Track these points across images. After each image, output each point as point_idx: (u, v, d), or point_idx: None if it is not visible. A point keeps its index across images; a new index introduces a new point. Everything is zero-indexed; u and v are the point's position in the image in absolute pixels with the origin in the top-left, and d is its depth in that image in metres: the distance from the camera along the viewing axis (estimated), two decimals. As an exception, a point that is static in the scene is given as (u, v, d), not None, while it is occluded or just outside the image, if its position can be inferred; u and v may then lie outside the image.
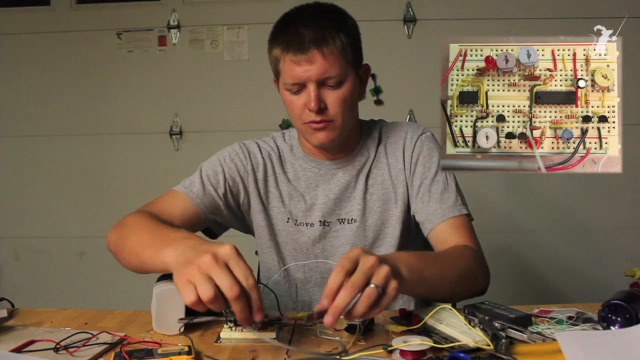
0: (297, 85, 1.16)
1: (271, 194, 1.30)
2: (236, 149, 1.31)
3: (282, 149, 1.33)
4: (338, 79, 1.15)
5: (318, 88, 1.15)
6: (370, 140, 1.32)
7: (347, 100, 1.18)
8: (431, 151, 1.29)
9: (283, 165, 1.31)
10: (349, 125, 1.22)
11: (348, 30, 1.18)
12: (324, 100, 1.16)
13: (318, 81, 1.14)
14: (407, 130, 1.31)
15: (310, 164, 1.30)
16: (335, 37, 1.14)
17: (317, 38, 1.13)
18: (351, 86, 1.18)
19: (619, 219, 2.49)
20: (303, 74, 1.14)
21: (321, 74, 1.14)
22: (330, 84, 1.15)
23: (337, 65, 1.14)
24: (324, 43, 1.13)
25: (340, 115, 1.18)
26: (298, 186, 1.30)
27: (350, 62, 1.18)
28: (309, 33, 1.13)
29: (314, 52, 1.12)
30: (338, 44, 1.14)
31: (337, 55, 1.14)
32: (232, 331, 0.92)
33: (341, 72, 1.15)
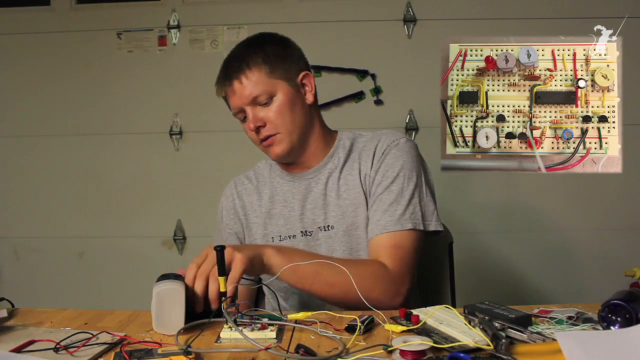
0: (239, 113, 1.28)
1: (253, 224, 1.38)
2: (224, 203, 1.42)
3: (260, 174, 1.42)
4: (267, 95, 1.25)
5: (253, 109, 1.26)
6: (341, 148, 1.35)
7: (284, 110, 1.26)
8: (396, 159, 1.28)
9: (260, 192, 1.39)
10: (298, 132, 1.29)
11: (267, 51, 1.27)
12: (262, 118, 1.26)
13: (249, 104, 1.26)
14: (381, 138, 1.32)
15: (285, 178, 1.37)
16: (250, 63, 1.25)
17: (235, 69, 1.26)
18: (285, 97, 1.26)
19: (618, 218, 2.48)
20: (235, 102, 1.27)
21: (246, 96, 1.25)
22: (260, 102, 1.25)
23: (260, 84, 1.24)
24: (240, 71, 1.25)
25: (282, 126, 1.26)
26: (275, 204, 1.36)
27: (278, 75, 1.26)
28: (229, 64, 1.27)
29: (234, 82, 1.25)
30: (254, 68, 1.25)
31: (258, 75, 1.24)
32: (232, 331, 0.92)
33: (266, 89, 1.25)
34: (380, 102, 2.49)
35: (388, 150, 1.29)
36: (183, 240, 2.58)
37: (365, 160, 1.31)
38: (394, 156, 1.28)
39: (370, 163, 1.30)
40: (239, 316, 0.95)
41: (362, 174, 1.30)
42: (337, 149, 1.35)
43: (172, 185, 2.58)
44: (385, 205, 1.24)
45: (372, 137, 1.34)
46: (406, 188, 1.25)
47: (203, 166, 2.56)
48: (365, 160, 1.31)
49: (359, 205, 1.28)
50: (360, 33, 2.46)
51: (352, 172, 1.31)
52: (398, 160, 1.27)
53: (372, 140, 1.33)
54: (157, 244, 2.59)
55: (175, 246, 2.59)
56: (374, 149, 1.31)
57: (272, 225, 1.34)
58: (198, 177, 2.56)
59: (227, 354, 0.86)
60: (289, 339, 0.92)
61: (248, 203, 1.39)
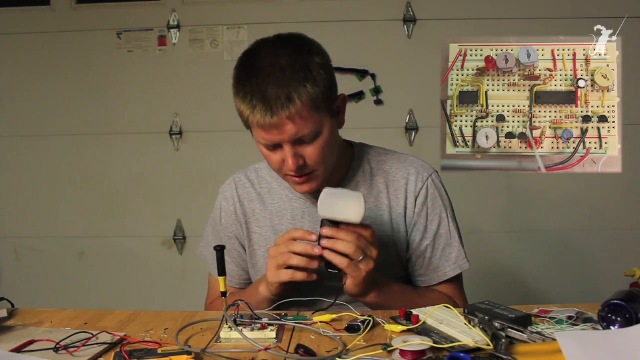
0: (272, 145, 1.09)
1: (254, 234, 1.27)
2: (223, 204, 1.30)
3: (263, 180, 1.28)
4: (313, 135, 1.07)
5: (294, 147, 1.08)
6: (360, 172, 1.24)
7: (327, 148, 1.10)
8: (435, 200, 1.23)
9: (263, 201, 1.26)
10: (331, 166, 1.15)
11: (315, 74, 1.06)
12: (303, 156, 1.09)
13: (291, 142, 1.07)
14: (411, 171, 1.23)
15: (296, 194, 1.23)
16: (301, 92, 1.03)
17: (281, 98, 1.02)
18: (329, 132, 1.10)
19: (619, 218, 2.48)
20: (275, 137, 1.06)
21: (293, 136, 1.05)
22: (305, 140, 1.08)
23: (310, 122, 1.05)
24: (291, 104, 1.02)
25: (322, 165, 1.11)
26: (283, 220, 1.24)
27: (325, 109, 1.08)
28: (272, 92, 1.03)
29: (282, 117, 1.03)
30: (306, 99, 1.04)
31: (308, 111, 1.04)
32: (232, 331, 0.92)
33: (315, 127, 1.07)
34: (380, 102, 2.49)
35: (425, 191, 1.22)
36: (183, 240, 2.58)
37: (396, 197, 1.22)
38: (433, 197, 1.23)
39: (403, 202, 1.22)
40: (239, 316, 0.96)
41: (393, 212, 1.22)
42: (355, 171, 1.24)
43: (172, 185, 2.58)
44: (439, 252, 1.23)
45: (398, 165, 1.24)
46: (452, 226, 1.24)
47: (203, 166, 2.55)
48: (396, 197, 1.22)
49: (384, 246, 1.18)
50: (360, 33, 2.46)
51: (380, 205, 1.22)
52: (437, 201, 1.23)
53: (400, 171, 1.23)
54: (157, 244, 2.59)
55: (175, 246, 2.58)
56: (405, 185, 1.22)
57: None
58: (198, 177, 2.56)
59: (228, 354, 0.86)
60: (289, 339, 0.92)
61: (250, 210, 1.27)
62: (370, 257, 1.03)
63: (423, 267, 1.24)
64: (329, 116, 1.10)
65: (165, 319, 1.05)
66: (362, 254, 1.02)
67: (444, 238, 1.23)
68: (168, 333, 0.98)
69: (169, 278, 2.56)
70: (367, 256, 1.03)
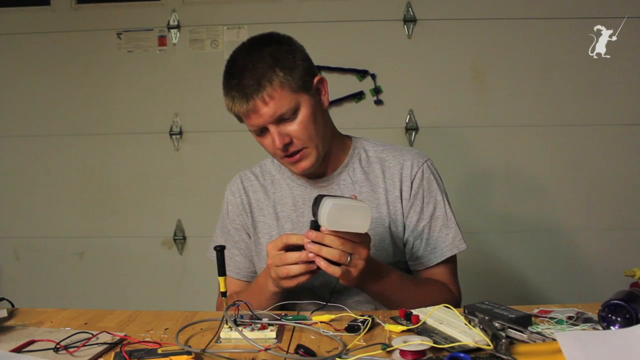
0: (259, 129, 1.20)
1: (259, 223, 1.34)
2: (229, 198, 1.38)
3: (267, 172, 1.37)
4: (291, 111, 1.17)
5: (277, 126, 1.18)
6: (356, 158, 1.32)
7: (309, 123, 1.19)
8: (431, 184, 1.29)
9: (266, 190, 1.35)
10: (322, 142, 1.23)
11: (282, 60, 1.17)
12: (288, 134, 1.18)
13: (273, 122, 1.17)
14: (406, 157, 1.30)
15: (296, 182, 1.33)
16: (271, 77, 1.15)
17: (252, 85, 1.15)
18: (309, 108, 1.19)
19: (618, 218, 2.48)
20: (255, 121, 1.18)
21: (271, 116, 1.16)
22: (285, 117, 1.17)
23: (284, 100, 1.16)
24: (261, 87, 1.14)
25: (310, 139, 1.20)
26: (284, 207, 1.32)
27: (299, 88, 1.18)
28: (246, 82, 1.15)
29: (256, 101, 1.15)
30: (276, 82, 1.15)
31: (280, 91, 1.15)
32: (232, 331, 0.92)
33: (291, 104, 1.17)
34: (380, 102, 2.49)
35: (421, 175, 1.28)
36: (183, 240, 2.58)
37: (392, 181, 1.28)
38: (428, 180, 1.29)
39: (399, 185, 1.27)
40: (239, 316, 0.96)
41: (389, 195, 1.28)
42: (352, 158, 1.32)
43: (172, 185, 2.58)
44: (435, 233, 1.27)
45: (394, 153, 1.31)
46: (447, 207, 1.29)
47: (203, 166, 2.55)
48: (392, 181, 1.28)
49: (379, 225, 1.26)
50: (360, 33, 2.46)
51: (376, 189, 1.28)
52: (433, 184, 1.29)
53: (396, 158, 1.30)
54: (157, 244, 2.59)
55: (175, 246, 2.58)
56: (400, 170, 1.28)
57: (278, 227, 1.32)
58: (198, 177, 2.56)
59: (227, 354, 0.86)
60: (289, 339, 0.92)
61: (254, 200, 1.35)
62: (358, 258, 1.02)
63: (421, 249, 1.27)
64: (306, 95, 1.20)
65: (165, 319, 1.05)
66: (349, 258, 1.01)
67: (441, 220, 1.28)
68: (168, 333, 0.98)
69: (169, 278, 2.56)
70: (356, 258, 1.02)
